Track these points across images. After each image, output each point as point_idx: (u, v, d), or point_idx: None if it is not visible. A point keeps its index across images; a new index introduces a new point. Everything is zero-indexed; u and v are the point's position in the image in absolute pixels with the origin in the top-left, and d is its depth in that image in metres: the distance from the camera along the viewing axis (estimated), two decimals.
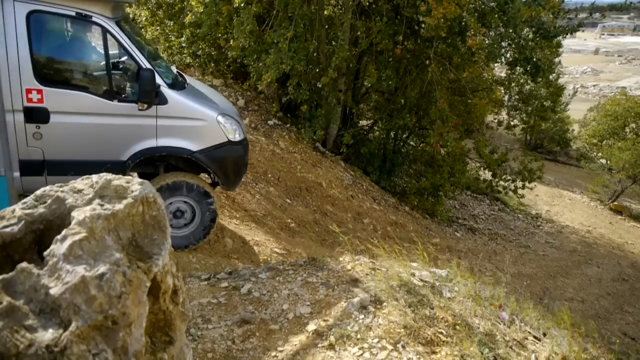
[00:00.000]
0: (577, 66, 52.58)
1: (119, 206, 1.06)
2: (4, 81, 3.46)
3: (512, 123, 16.70)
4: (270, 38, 8.64)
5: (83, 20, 3.80)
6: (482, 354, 2.74)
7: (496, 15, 8.52)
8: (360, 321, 2.84)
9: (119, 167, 4.17)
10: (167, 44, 11.26)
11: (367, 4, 9.71)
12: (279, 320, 2.88)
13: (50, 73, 3.97)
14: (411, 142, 12.61)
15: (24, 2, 3.55)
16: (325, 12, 10.22)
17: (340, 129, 10.56)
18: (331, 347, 2.60)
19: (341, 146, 10.66)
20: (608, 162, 18.43)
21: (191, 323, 2.76)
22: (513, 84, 14.34)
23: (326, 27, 9.99)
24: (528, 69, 9.29)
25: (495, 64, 12.56)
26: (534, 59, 9.05)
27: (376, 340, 2.68)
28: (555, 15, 9.40)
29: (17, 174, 3.74)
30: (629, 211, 16.73)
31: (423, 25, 8.89)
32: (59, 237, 0.94)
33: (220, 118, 4.43)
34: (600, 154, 19.73)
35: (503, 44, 9.38)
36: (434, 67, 9.03)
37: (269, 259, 4.70)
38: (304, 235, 7.13)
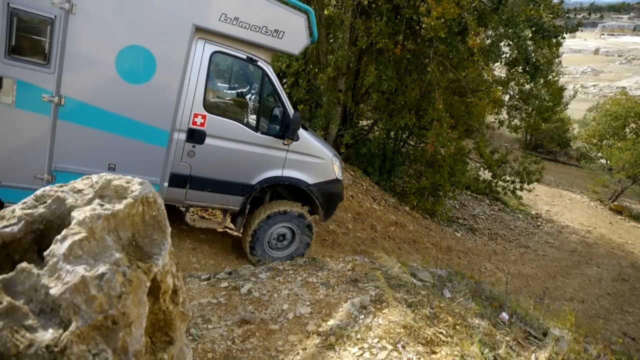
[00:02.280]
0: (577, 66, 52.57)
1: (119, 206, 1.06)
2: (180, 105, 4.15)
3: (512, 123, 16.69)
4: None
5: (250, 62, 4.51)
6: (482, 354, 2.74)
7: (496, 16, 8.52)
8: (360, 321, 2.84)
9: (248, 190, 4.82)
10: None
11: (367, 3, 9.71)
12: (279, 320, 2.88)
13: (214, 102, 4.71)
14: (411, 142, 12.61)
15: (212, 43, 4.24)
16: (325, 12, 10.22)
17: (340, 129, 10.55)
18: (331, 347, 2.60)
19: (341, 146, 10.66)
20: (608, 162, 18.43)
21: (191, 323, 2.76)
22: (513, 84, 14.35)
23: (326, 26, 9.99)
24: (527, 68, 9.29)
25: (495, 64, 12.56)
26: (533, 59, 9.05)
27: (376, 340, 2.68)
28: (554, 15, 9.40)
29: (166, 184, 4.35)
30: (629, 211, 16.73)
31: (423, 25, 8.89)
32: (59, 237, 0.93)
33: (334, 158, 5.24)
34: (600, 154, 19.73)
35: (503, 43, 9.37)
36: (433, 67, 9.03)
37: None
38: None
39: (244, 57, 4.44)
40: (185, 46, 4.01)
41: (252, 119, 4.75)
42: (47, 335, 0.83)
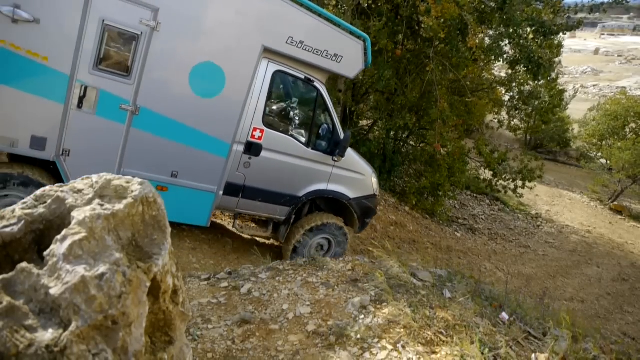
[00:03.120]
0: (577, 66, 52.58)
1: (119, 206, 1.06)
2: (242, 119, 4.45)
3: (512, 123, 16.70)
4: None
5: (307, 83, 4.85)
6: (482, 354, 2.74)
7: (496, 15, 8.52)
8: (360, 321, 2.84)
9: (295, 201, 5.16)
10: None
11: (367, 4, 9.71)
12: (279, 320, 2.88)
13: (272, 118, 5.01)
14: (411, 142, 12.60)
15: (274, 62, 4.56)
16: None
17: None
18: (331, 347, 2.60)
19: None
20: (608, 162, 18.42)
21: (191, 323, 2.76)
22: (513, 84, 14.33)
23: None
24: (530, 67, 9.27)
25: (495, 65, 12.55)
26: (536, 57, 9.04)
27: (376, 340, 2.68)
28: (555, 14, 9.39)
29: (221, 192, 4.64)
30: (629, 211, 16.73)
31: (423, 25, 8.89)
32: (59, 237, 0.93)
33: (373, 175, 5.62)
34: (600, 154, 19.73)
35: (504, 43, 9.36)
36: (432, 67, 9.02)
37: (269, 259, 4.71)
38: None
39: (303, 77, 4.78)
40: (253, 65, 4.32)
41: (304, 135, 5.06)
42: (47, 335, 0.83)
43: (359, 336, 2.69)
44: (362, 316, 2.90)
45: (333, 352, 2.56)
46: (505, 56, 9.53)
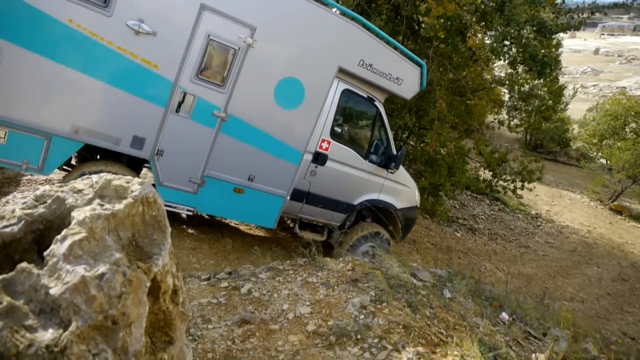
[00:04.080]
0: (577, 66, 52.57)
1: (119, 206, 1.06)
2: (314, 130, 4.92)
3: (512, 123, 16.68)
4: None
5: (369, 101, 5.36)
6: (482, 354, 2.74)
7: (497, 15, 8.51)
8: (360, 321, 2.84)
9: (351, 209, 5.61)
10: None
11: (366, 3, 9.71)
12: (279, 320, 2.88)
13: (337, 131, 5.44)
14: (411, 142, 12.59)
15: (344, 81, 5.07)
16: None
17: None
18: (331, 347, 2.60)
19: None
20: (608, 162, 18.42)
21: (191, 323, 2.75)
22: (516, 85, 14.32)
23: None
24: (534, 67, 9.26)
25: (495, 65, 12.54)
26: (540, 56, 9.02)
27: (376, 340, 2.68)
28: (556, 15, 9.38)
29: (288, 197, 5.00)
30: (629, 211, 16.73)
31: (423, 25, 8.89)
32: (59, 237, 0.93)
33: (416, 188, 6.19)
34: (600, 154, 19.72)
35: (505, 42, 9.35)
36: (432, 67, 9.01)
37: (269, 258, 4.71)
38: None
39: (366, 96, 5.31)
40: (329, 82, 4.80)
41: (363, 148, 5.55)
42: (47, 335, 0.83)
43: (359, 336, 2.69)
44: (362, 316, 2.90)
45: (333, 352, 2.56)
46: (507, 55, 9.52)
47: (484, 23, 8.76)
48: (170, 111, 4.20)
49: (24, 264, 0.90)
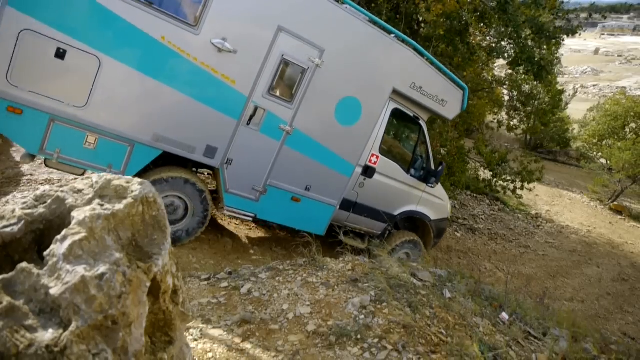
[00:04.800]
0: (577, 66, 52.56)
1: (119, 206, 1.06)
2: (366, 145, 5.32)
3: (511, 124, 16.68)
4: None
5: (414, 120, 5.84)
6: (482, 354, 2.74)
7: (496, 15, 8.51)
8: (360, 321, 2.84)
9: (391, 219, 6.06)
10: None
11: (366, 3, 9.70)
12: (279, 320, 2.88)
13: (385, 147, 5.82)
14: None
15: (394, 101, 5.52)
16: None
17: None
18: (331, 347, 2.60)
19: None
20: (608, 162, 18.41)
21: (191, 323, 2.75)
22: (515, 85, 14.31)
23: None
24: (531, 68, 9.27)
25: (495, 65, 12.52)
26: (536, 59, 9.04)
27: (376, 340, 2.68)
28: (555, 16, 9.37)
29: (337, 206, 5.37)
30: (629, 211, 16.73)
31: (423, 25, 8.89)
32: (59, 237, 0.93)
33: (449, 201, 6.71)
34: (600, 154, 19.72)
35: (504, 43, 9.36)
36: None
37: (269, 258, 4.70)
38: (305, 235, 7.12)
39: (412, 115, 5.77)
40: (383, 102, 5.20)
41: (406, 162, 6.01)
42: (47, 335, 0.83)
43: (359, 336, 2.69)
44: (362, 316, 2.90)
45: (333, 352, 2.56)
46: (506, 55, 9.52)
47: (483, 24, 8.75)
48: (242, 123, 4.52)
49: (24, 264, 0.90)
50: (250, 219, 4.93)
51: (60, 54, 3.65)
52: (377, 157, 5.58)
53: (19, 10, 3.45)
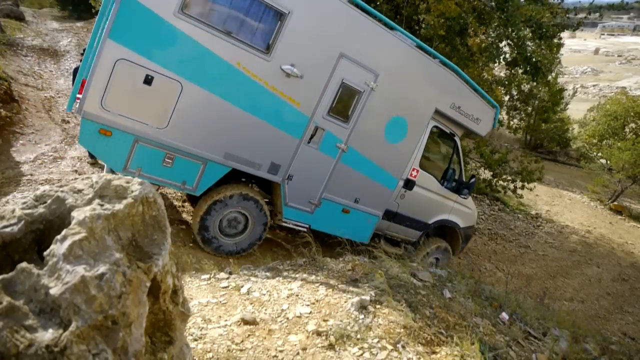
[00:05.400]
0: (577, 66, 52.56)
1: (119, 206, 1.06)
2: (410, 163, 5.88)
3: (511, 123, 16.67)
4: None
5: (450, 136, 6.32)
6: (482, 354, 2.74)
7: (496, 15, 8.51)
8: (360, 321, 2.84)
9: (426, 227, 6.55)
10: None
11: (366, 3, 9.69)
12: (279, 320, 2.88)
13: (424, 161, 6.20)
14: None
15: (435, 120, 5.95)
16: None
17: None
18: (331, 347, 2.60)
19: None
20: (608, 162, 18.40)
21: (191, 323, 2.75)
22: (513, 84, 14.27)
23: None
24: (528, 69, 9.27)
25: (495, 65, 12.48)
26: (533, 59, 9.04)
27: (376, 340, 2.68)
28: (554, 15, 9.37)
29: (381, 216, 5.83)
30: (629, 211, 16.72)
31: (423, 25, 8.89)
32: (59, 237, 0.93)
33: (475, 210, 7.28)
34: (600, 154, 19.70)
35: (503, 43, 9.35)
36: None
37: (268, 258, 4.70)
38: (305, 235, 7.12)
39: (448, 131, 6.24)
40: (427, 121, 5.67)
41: (441, 175, 6.47)
42: (47, 335, 0.83)
43: (359, 336, 2.69)
44: (362, 316, 2.90)
45: (333, 352, 2.56)
46: (502, 57, 9.53)
47: (480, 24, 8.75)
48: (304, 142, 4.89)
49: (24, 264, 0.90)
50: (305, 229, 5.20)
51: (148, 80, 3.97)
52: (417, 170, 6.03)
53: (117, 42, 3.77)
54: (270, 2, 4.18)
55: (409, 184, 5.99)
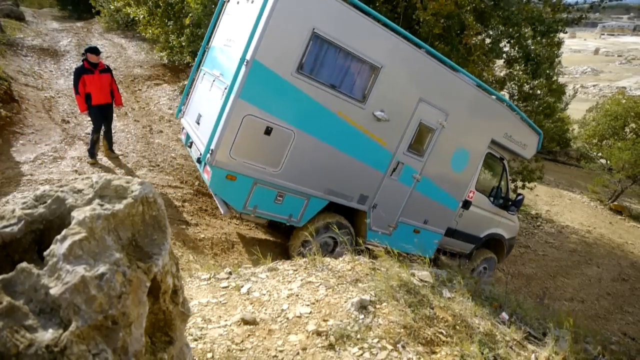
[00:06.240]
0: (577, 66, 52.53)
1: (119, 206, 1.06)
2: (469, 187, 6.59)
3: None
4: None
5: (500, 160, 7.11)
6: (482, 354, 2.74)
7: (496, 14, 8.51)
8: (360, 321, 2.84)
9: (478, 241, 7.36)
10: (167, 44, 11.25)
11: (365, 3, 9.69)
12: (278, 320, 2.88)
13: (480, 184, 6.99)
14: None
15: (490, 147, 6.63)
16: None
17: None
18: (331, 347, 2.60)
19: None
20: (608, 162, 18.40)
21: (191, 323, 2.75)
22: (512, 83, 14.25)
23: None
24: (528, 65, 9.28)
25: (496, 65, 12.46)
26: (534, 55, 9.05)
27: (376, 340, 2.68)
28: (554, 11, 9.38)
29: (443, 234, 6.61)
30: (629, 211, 16.72)
31: (420, 24, 8.88)
32: (59, 237, 0.93)
33: (518, 223, 8.11)
34: (600, 154, 19.70)
35: (503, 42, 9.35)
36: None
37: (269, 258, 4.71)
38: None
39: (499, 156, 7.04)
40: (484, 150, 6.47)
41: (492, 194, 7.26)
42: (47, 335, 0.83)
43: (359, 336, 2.69)
44: (362, 316, 2.90)
45: (333, 352, 2.56)
46: (504, 55, 9.53)
47: (480, 23, 8.75)
48: (387, 175, 5.55)
49: (24, 264, 0.90)
50: (382, 249, 5.53)
51: (268, 131, 4.56)
52: (473, 192, 6.76)
53: (246, 101, 4.35)
54: (367, 58, 4.80)
55: (466, 204, 6.68)
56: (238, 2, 5.28)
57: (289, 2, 4.26)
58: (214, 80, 5.20)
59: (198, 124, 5.30)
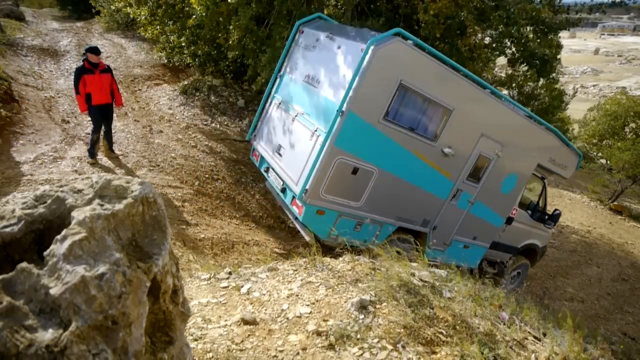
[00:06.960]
0: (577, 66, 52.54)
1: (119, 206, 1.06)
2: (514, 204, 7.06)
3: None
4: (263, 34, 8.64)
5: (541, 179, 7.74)
6: (482, 354, 2.74)
7: (496, 14, 8.51)
8: (360, 321, 2.84)
9: (515, 251, 7.97)
10: (167, 44, 11.24)
11: (366, 3, 9.70)
12: (278, 320, 2.88)
13: (523, 202, 7.54)
14: None
15: (534, 172, 7.15)
16: (325, 11, 10.21)
17: None
18: (331, 347, 2.60)
19: None
20: (608, 162, 18.39)
21: (191, 323, 2.75)
22: (514, 84, 14.28)
23: None
24: (535, 63, 9.28)
25: (495, 65, 12.49)
26: (539, 54, 9.04)
27: (376, 340, 2.68)
28: (554, 12, 9.38)
29: (488, 247, 7.22)
30: (629, 211, 16.72)
31: (422, 24, 8.88)
32: (59, 237, 0.93)
33: (551, 233, 8.74)
34: (600, 154, 19.68)
35: (505, 41, 9.35)
36: None
37: (269, 258, 4.71)
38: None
39: (540, 176, 7.64)
40: (530, 173, 6.98)
41: (529, 207, 7.82)
42: (47, 335, 0.83)
43: (359, 336, 2.69)
44: (362, 316, 2.90)
45: (333, 352, 2.56)
46: (507, 52, 9.52)
47: (481, 22, 8.75)
48: (447, 201, 6.09)
49: (24, 264, 0.90)
50: (438, 263, 5.98)
51: (355, 171, 5.12)
52: (516, 209, 7.26)
53: (339, 147, 4.90)
54: (441, 102, 5.32)
55: (509, 220, 7.21)
56: (318, 40, 5.77)
57: (384, 58, 4.74)
58: (296, 115, 5.68)
59: (280, 155, 5.81)
